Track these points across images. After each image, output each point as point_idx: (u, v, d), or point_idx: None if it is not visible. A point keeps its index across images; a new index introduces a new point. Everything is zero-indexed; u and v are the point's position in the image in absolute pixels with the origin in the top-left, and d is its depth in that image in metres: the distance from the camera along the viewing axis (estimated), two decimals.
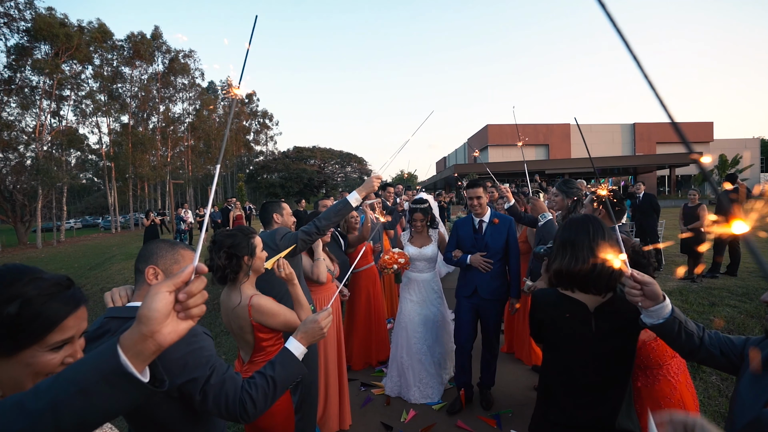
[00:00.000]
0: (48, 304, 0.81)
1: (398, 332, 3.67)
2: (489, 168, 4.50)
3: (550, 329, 1.63)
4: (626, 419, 1.51)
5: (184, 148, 37.59)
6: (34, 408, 0.63)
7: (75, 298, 0.87)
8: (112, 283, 10.39)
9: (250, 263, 1.91)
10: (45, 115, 25.54)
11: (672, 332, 1.27)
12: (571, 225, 1.62)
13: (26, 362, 0.80)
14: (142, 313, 0.68)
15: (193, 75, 37.40)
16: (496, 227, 3.27)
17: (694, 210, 6.92)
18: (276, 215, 2.78)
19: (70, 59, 26.12)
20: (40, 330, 0.80)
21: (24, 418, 0.62)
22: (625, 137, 36.85)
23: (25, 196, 24.50)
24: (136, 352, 0.67)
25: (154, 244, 1.44)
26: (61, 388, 0.64)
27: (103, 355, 0.67)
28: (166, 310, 0.69)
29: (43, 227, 24.68)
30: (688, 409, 1.88)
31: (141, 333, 0.67)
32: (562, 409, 1.58)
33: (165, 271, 1.38)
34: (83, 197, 51.82)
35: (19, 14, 22.61)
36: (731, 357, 1.24)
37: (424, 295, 3.63)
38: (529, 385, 3.70)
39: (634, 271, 1.26)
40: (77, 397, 0.64)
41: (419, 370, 3.50)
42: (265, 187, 48.28)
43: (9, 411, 0.63)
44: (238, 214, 12.98)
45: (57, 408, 0.63)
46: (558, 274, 1.57)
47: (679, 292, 5.96)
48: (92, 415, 0.65)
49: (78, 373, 0.66)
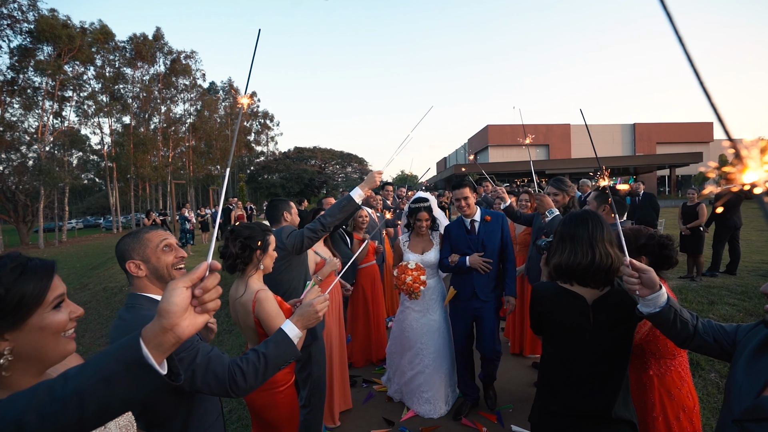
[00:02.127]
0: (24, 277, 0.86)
1: (400, 342, 3.46)
2: (491, 168, 4.50)
3: (549, 321, 1.68)
4: (623, 409, 1.56)
5: (185, 148, 37.66)
6: (62, 395, 0.67)
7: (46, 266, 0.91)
8: (114, 282, 10.45)
9: (261, 258, 1.97)
10: (47, 115, 25.65)
11: (668, 321, 1.31)
12: (571, 220, 1.67)
13: (39, 327, 0.85)
14: (162, 307, 0.72)
15: (195, 76, 37.52)
16: (489, 225, 3.18)
17: (693, 209, 6.97)
18: (286, 213, 2.84)
19: (73, 60, 26.24)
20: (36, 294, 0.86)
21: (52, 403, 0.67)
22: (625, 137, 36.87)
23: (28, 197, 24.63)
24: (157, 344, 0.72)
25: (121, 242, 1.49)
26: (87, 376, 0.69)
27: (126, 346, 0.71)
28: (185, 305, 0.74)
29: (45, 227, 24.79)
30: (694, 403, 1.91)
31: (162, 326, 0.72)
32: (561, 399, 1.63)
33: (143, 259, 1.45)
34: (84, 197, 51.91)
35: (23, 16, 22.74)
36: (724, 344, 1.29)
37: (426, 303, 3.37)
38: (529, 381, 3.74)
39: (632, 259, 1.31)
40: (100, 385, 0.68)
41: (423, 383, 3.29)
42: (265, 188, 48.30)
43: (40, 395, 0.68)
44: (240, 214, 13.02)
45: (82, 395, 0.67)
46: (557, 268, 1.62)
47: (679, 291, 5.99)
48: (113, 403, 0.70)
49: (102, 362, 0.70)
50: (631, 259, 1.31)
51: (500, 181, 7.51)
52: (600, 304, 1.58)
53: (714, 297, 5.61)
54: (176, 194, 26.53)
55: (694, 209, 6.95)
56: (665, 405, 1.87)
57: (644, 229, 1.95)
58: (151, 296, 1.45)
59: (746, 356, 1.16)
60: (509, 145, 34.54)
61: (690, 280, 6.72)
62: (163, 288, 1.44)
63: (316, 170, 51.27)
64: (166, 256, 1.48)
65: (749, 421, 1.05)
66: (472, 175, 18.58)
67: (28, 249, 22.11)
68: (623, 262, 1.32)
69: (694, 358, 3.85)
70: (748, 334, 1.21)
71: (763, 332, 1.16)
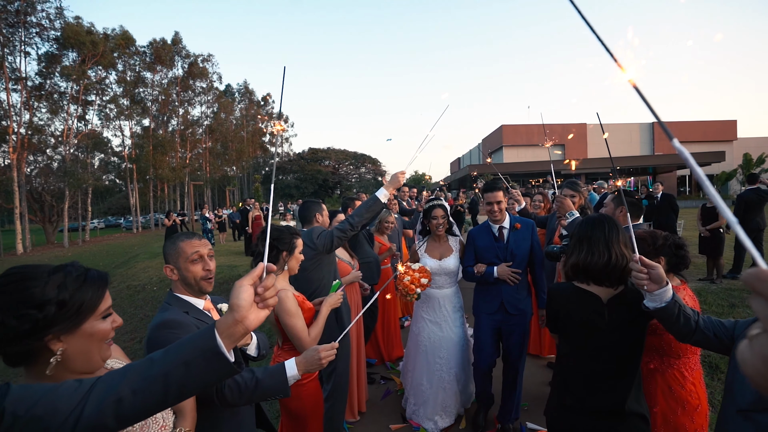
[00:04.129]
0: (86, 286, 0.98)
1: (416, 356, 3.24)
2: (505, 168, 4.52)
3: (565, 320, 1.75)
4: (635, 403, 1.63)
5: (202, 150, 38.48)
6: (149, 374, 0.79)
7: (102, 278, 1.04)
8: (137, 280, 10.81)
9: (287, 259, 2.09)
10: (72, 119, 26.58)
11: (672, 315, 1.39)
12: (588, 222, 1.75)
13: (89, 333, 0.98)
14: (234, 303, 0.84)
15: (211, 78, 38.33)
16: (518, 233, 2.94)
17: (713, 210, 6.85)
18: (318, 215, 2.99)
19: (96, 65, 27.11)
20: (92, 302, 0.98)
21: (142, 381, 0.78)
22: (644, 136, 36.08)
23: (53, 198, 25.57)
24: (228, 334, 0.83)
25: (164, 245, 1.66)
26: (171, 360, 0.80)
27: (203, 335, 0.83)
28: (251, 300, 0.85)
29: (69, 227, 25.67)
30: (699, 402, 1.94)
31: (233, 319, 0.83)
32: (576, 395, 1.70)
33: (175, 266, 1.61)
34: (106, 198, 53.43)
35: (50, 24, 23.61)
36: (723, 339, 1.38)
37: (444, 314, 3.16)
38: (544, 381, 3.78)
39: (641, 256, 1.40)
40: (181, 368, 0.80)
41: (443, 398, 3.11)
42: (280, 188, 48.98)
43: (131, 375, 0.79)
44: (257, 215, 13.27)
45: (167, 375, 0.79)
46: (575, 268, 1.70)
47: (698, 293, 5.92)
48: (190, 384, 0.81)
49: (183, 349, 0.82)
50: (641, 256, 1.40)
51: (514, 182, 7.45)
52: (614, 303, 1.66)
53: (734, 299, 5.53)
54: (194, 195, 27.13)
55: (714, 210, 6.82)
56: (664, 400, 1.93)
57: (659, 233, 2.01)
58: (183, 297, 1.63)
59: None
60: (524, 145, 34.20)
61: (710, 282, 6.62)
62: (194, 293, 1.63)
63: (330, 171, 51.67)
64: (195, 267, 1.62)
65: (755, 412, 1.11)
66: (487, 176, 18.46)
67: (54, 248, 22.95)
68: (633, 258, 1.40)
69: (713, 361, 3.83)
70: (747, 329, 1.27)
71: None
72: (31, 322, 0.88)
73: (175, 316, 1.53)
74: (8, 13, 21.38)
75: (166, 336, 1.43)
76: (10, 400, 0.71)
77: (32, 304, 0.88)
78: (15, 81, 22.75)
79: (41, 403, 0.72)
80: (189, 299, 1.62)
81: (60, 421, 0.72)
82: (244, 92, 50.47)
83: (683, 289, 1.95)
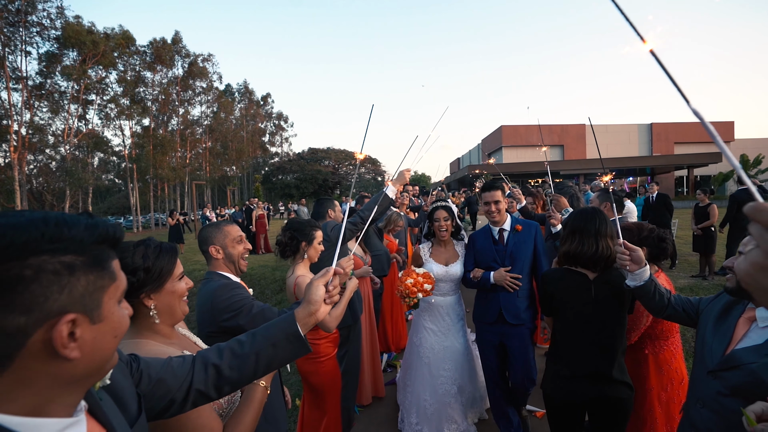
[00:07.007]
0: (162, 255, 1.22)
1: (417, 368, 3.02)
2: (505, 169, 4.72)
3: (557, 299, 2.01)
4: (619, 373, 1.90)
5: (202, 149, 38.67)
6: (242, 352, 0.98)
7: (173, 249, 1.28)
8: None
9: (306, 249, 2.30)
10: (72, 118, 26.72)
11: (649, 292, 1.63)
12: (581, 215, 1.98)
13: (170, 291, 1.23)
14: (311, 297, 1.06)
15: (211, 78, 38.50)
16: (519, 235, 2.74)
17: (705, 210, 7.09)
18: (330, 211, 3.27)
19: (96, 65, 27.25)
20: (169, 267, 1.22)
21: (235, 358, 0.98)
22: (642, 137, 36.39)
23: (54, 197, 25.70)
24: (304, 323, 1.04)
25: (205, 230, 1.90)
26: (260, 342, 1.00)
27: (287, 322, 1.03)
28: (323, 296, 1.07)
29: None
30: (682, 377, 2.21)
31: (309, 310, 1.05)
32: (569, 364, 1.94)
33: (221, 246, 1.84)
34: (105, 198, 53.55)
35: (51, 23, 23.75)
36: (690, 313, 1.63)
37: (447, 322, 2.98)
38: (542, 368, 3.96)
39: (624, 240, 1.65)
40: (270, 348, 0.99)
41: (449, 413, 2.88)
42: (280, 188, 49.16)
43: (226, 352, 0.99)
44: (261, 214, 13.47)
45: (258, 354, 0.98)
46: (566, 255, 1.96)
47: (690, 290, 6.13)
48: (274, 361, 1.01)
49: (270, 332, 1.01)
50: (624, 240, 1.64)
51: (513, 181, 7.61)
52: (600, 281, 1.93)
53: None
54: (195, 195, 27.34)
55: (706, 210, 7.08)
56: (658, 379, 2.20)
57: (645, 225, 2.25)
58: (222, 273, 1.84)
59: (712, 321, 1.47)
60: (523, 145, 34.46)
61: (702, 279, 6.85)
62: (233, 270, 1.82)
63: (329, 171, 51.86)
64: (239, 246, 1.88)
65: (722, 371, 1.32)
66: (486, 176, 18.68)
67: None
68: (617, 243, 1.63)
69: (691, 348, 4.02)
70: (711, 303, 1.53)
71: (724, 300, 1.46)
72: (128, 284, 1.09)
73: (225, 281, 1.76)
74: (9, 13, 21.53)
75: (232, 293, 1.68)
76: (143, 366, 0.91)
77: (127, 271, 1.09)
78: (16, 80, 22.95)
79: (164, 370, 0.93)
80: (228, 275, 1.83)
81: (178, 384, 0.93)
82: (243, 92, 50.70)
83: (659, 276, 2.20)
